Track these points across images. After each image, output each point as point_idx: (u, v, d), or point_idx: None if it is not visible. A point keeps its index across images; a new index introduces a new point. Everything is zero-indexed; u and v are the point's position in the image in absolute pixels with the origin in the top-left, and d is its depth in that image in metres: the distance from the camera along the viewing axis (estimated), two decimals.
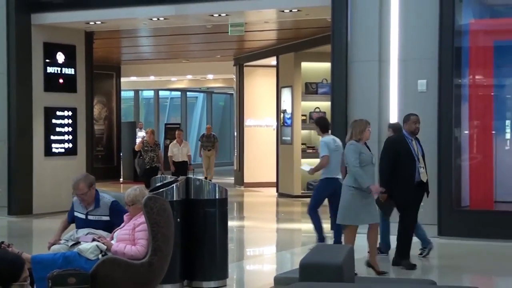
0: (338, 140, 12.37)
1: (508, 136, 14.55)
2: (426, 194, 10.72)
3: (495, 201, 13.73)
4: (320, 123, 12.70)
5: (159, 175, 12.64)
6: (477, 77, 13.89)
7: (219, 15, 16.02)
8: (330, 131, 12.70)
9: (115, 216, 8.04)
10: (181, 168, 17.32)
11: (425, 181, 10.52)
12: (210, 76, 29.87)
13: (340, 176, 12.04)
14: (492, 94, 14.14)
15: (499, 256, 11.74)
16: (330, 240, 12.12)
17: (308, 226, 15.15)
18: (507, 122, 14.56)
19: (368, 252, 10.07)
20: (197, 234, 9.16)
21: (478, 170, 13.70)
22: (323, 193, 12.26)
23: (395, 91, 13.63)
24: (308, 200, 19.04)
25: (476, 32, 13.83)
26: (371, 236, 9.83)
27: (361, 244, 10.03)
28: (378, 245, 10.67)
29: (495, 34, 14.22)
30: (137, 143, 16.83)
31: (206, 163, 23.27)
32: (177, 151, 17.74)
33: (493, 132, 14.06)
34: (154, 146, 16.69)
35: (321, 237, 12.33)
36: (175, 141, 18.48)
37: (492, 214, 13.39)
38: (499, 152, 14.20)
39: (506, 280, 10.55)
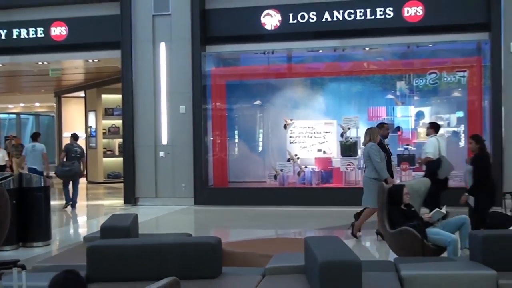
0: (37, 145, 13.03)
1: (236, 140, 14.94)
2: None
3: (229, 181, 14.04)
4: (33, 136, 13.43)
5: None
6: (216, 104, 14.09)
7: (43, 63, 15.46)
8: (38, 139, 13.23)
9: None
10: None
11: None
12: (37, 104, 28.40)
13: (36, 166, 12.75)
14: (226, 114, 14.44)
15: (233, 216, 12.01)
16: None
17: (109, 202, 14.80)
18: (236, 132, 14.96)
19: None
20: (28, 211, 8.69)
21: (218, 162, 13.94)
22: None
23: (165, 113, 13.60)
24: (108, 185, 18.79)
25: (215, 76, 14.01)
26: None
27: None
28: None
29: (226, 77, 14.50)
30: None
31: (16, 167, 21.27)
32: None
33: (227, 138, 14.39)
34: None
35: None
36: None
37: (227, 190, 13.67)
38: (230, 151, 14.56)
39: (237, 230, 10.77)
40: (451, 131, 13.45)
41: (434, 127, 10.25)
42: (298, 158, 13.87)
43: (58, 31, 14.18)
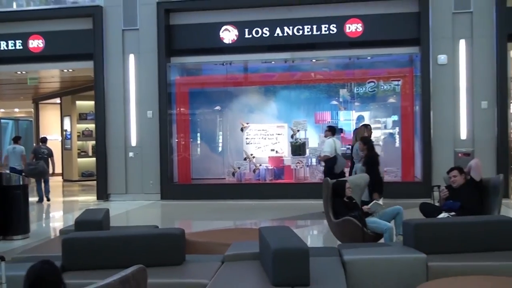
0: (17, 147, 13.21)
1: (198, 141, 14.85)
2: None
3: (192, 178, 13.96)
4: (14, 139, 13.59)
5: None
6: (181, 109, 14.00)
7: (21, 72, 15.08)
8: (19, 142, 13.35)
9: None
10: None
11: None
12: (16, 110, 27.67)
13: (16, 166, 12.90)
14: (189, 119, 14.34)
15: (196, 209, 11.91)
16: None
17: (83, 198, 14.49)
18: (198, 134, 14.87)
19: None
20: (8, 207, 8.45)
21: (182, 161, 13.84)
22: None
23: (134, 117, 13.44)
24: (83, 182, 18.44)
25: (179, 84, 13.93)
26: None
27: None
28: None
29: (189, 85, 14.43)
30: None
31: None
32: None
33: (190, 139, 14.30)
34: None
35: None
36: None
37: (190, 186, 13.56)
38: (193, 151, 14.47)
39: (200, 222, 10.72)
40: (387, 133, 13.70)
41: (331, 130, 10.48)
42: (253, 157, 13.91)
43: (36, 43, 13.90)
